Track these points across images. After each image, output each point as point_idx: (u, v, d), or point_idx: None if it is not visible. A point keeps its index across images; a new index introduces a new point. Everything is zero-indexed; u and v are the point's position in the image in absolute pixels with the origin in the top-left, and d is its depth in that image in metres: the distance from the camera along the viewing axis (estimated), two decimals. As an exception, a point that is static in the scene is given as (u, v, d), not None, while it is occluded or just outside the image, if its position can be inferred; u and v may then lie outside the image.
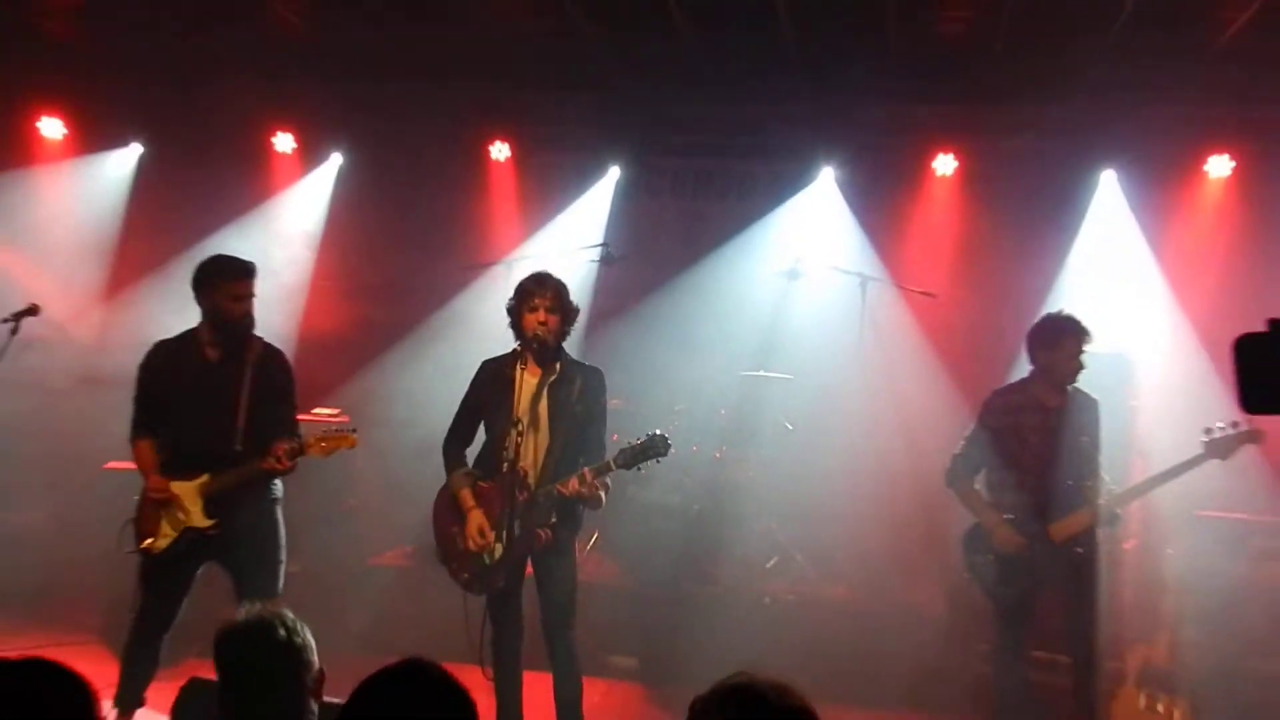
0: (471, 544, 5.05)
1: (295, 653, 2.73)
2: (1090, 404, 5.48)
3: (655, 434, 4.97)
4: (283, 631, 2.74)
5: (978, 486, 5.65)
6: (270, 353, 5.31)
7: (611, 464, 4.96)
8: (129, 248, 8.74)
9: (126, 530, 5.29)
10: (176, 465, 5.18)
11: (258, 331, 5.31)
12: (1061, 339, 5.39)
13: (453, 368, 5.77)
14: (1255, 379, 1.43)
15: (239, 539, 5.17)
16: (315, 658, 2.79)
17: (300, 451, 5.05)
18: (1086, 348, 5.38)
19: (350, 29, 7.61)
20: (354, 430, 5.31)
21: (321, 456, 5.11)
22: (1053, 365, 5.40)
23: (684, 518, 7.53)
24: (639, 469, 5.09)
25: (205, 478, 5.10)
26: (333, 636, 6.45)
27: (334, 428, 5.44)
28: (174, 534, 5.12)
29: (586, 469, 4.95)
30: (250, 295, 5.16)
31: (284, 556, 5.32)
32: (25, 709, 1.89)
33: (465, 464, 5.24)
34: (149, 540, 5.14)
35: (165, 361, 5.25)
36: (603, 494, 5.06)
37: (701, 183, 8.94)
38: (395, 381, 8.06)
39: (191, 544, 5.13)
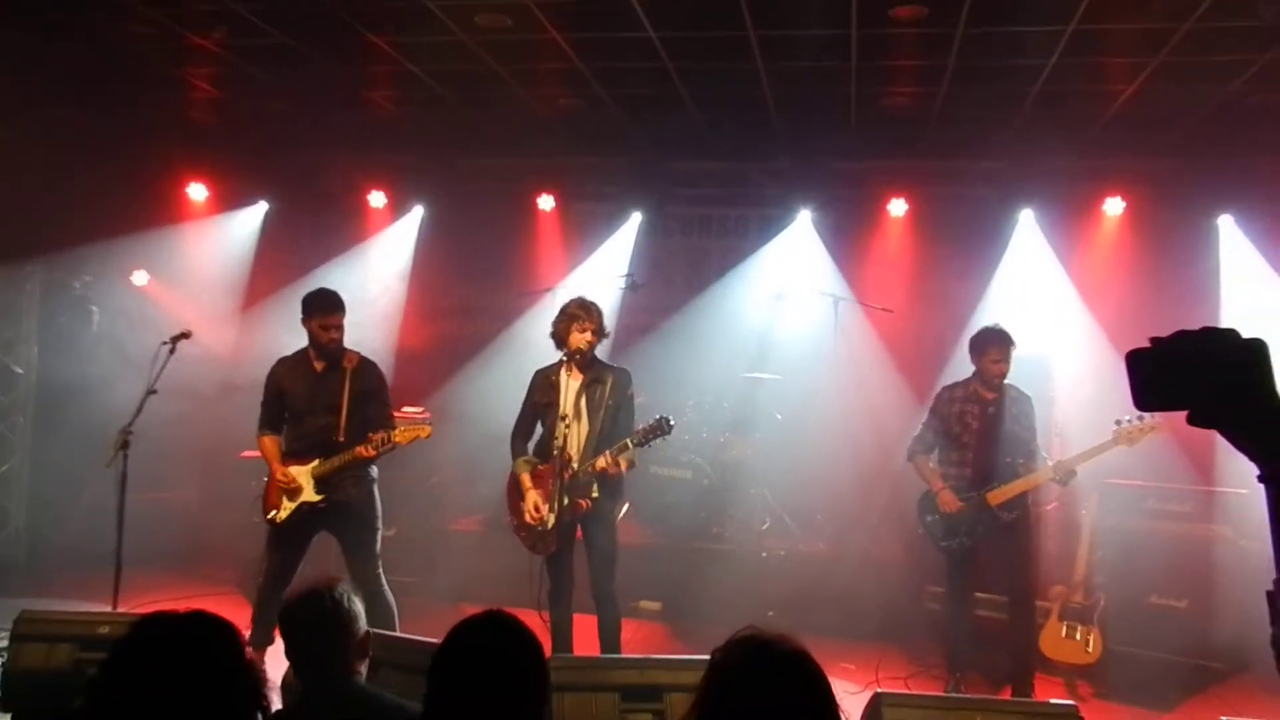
0: (529, 517, 5.06)
1: (338, 618, 2.67)
2: (1023, 398, 5.48)
3: (661, 417, 4.98)
4: (329, 602, 2.69)
5: (931, 463, 5.62)
6: (365, 363, 5.32)
7: (629, 443, 4.96)
8: (256, 283, 8.77)
9: (257, 504, 5.33)
10: (293, 453, 5.20)
11: (360, 348, 5.34)
12: (986, 346, 5.39)
13: (512, 373, 5.78)
14: (1143, 385, 1.43)
15: (344, 511, 5.17)
16: (361, 624, 2.74)
17: (388, 440, 5.03)
18: (1010, 352, 5.35)
19: (428, 112, 7.62)
20: (429, 422, 5.30)
21: (404, 443, 5.09)
22: (982, 367, 5.41)
23: (696, 490, 7.50)
24: (650, 445, 5.09)
25: (316, 462, 5.14)
26: (423, 586, 6.54)
27: (414, 421, 5.41)
28: (292, 506, 5.13)
29: (608, 450, 4.94)
30: (338, 326, 5.17)
31: (380, 525, 5.31)
32: (192, 650, 1.88)
33: (527, 453, 5.25)
34: (273, 512, 5.18)
35: (285, 372, 5.30)
36: (624, 467, 5.03)
37: (704, 225, 8.92)
38: (468, 385, 8.07)
39: (306, 515, 5.16)
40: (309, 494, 5.12)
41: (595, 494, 5.08)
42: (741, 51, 5.94)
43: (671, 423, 4.99)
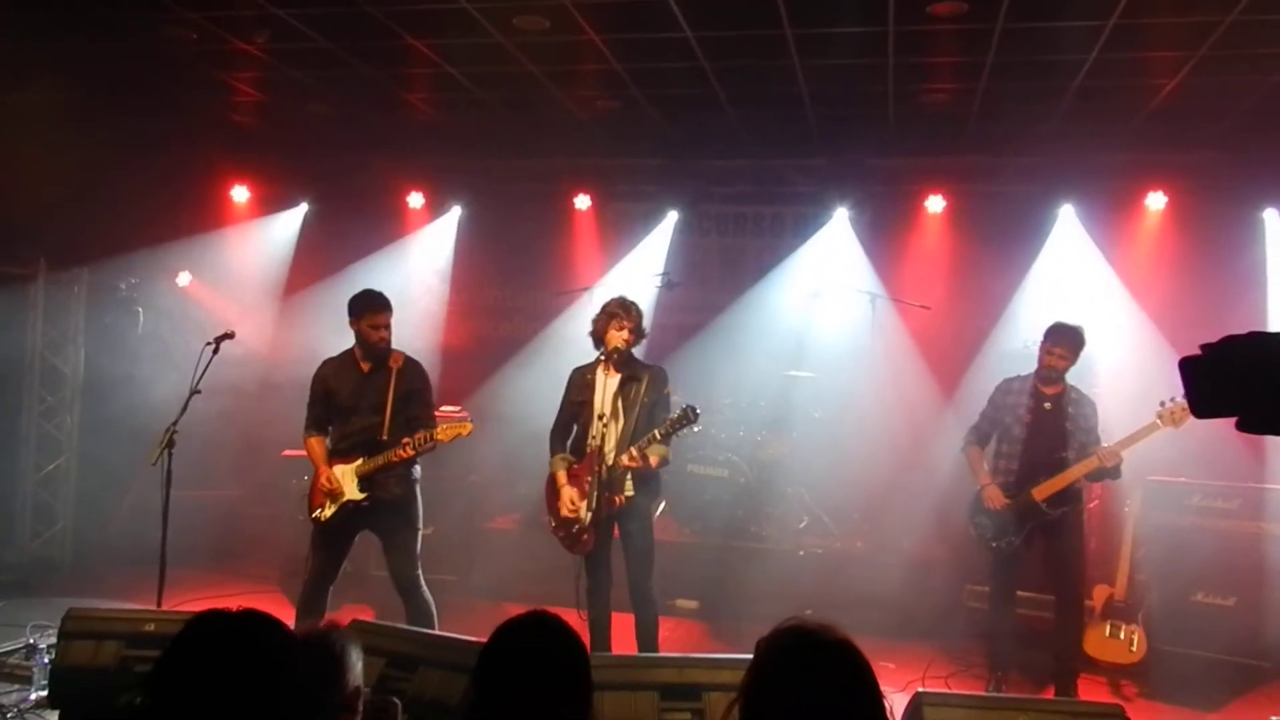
0: (565, 510, 5.07)
1: (318, 672, 2.44)
2: (1085, 400, 5.37)
3: (686, 406, 4.94)
4: (317, 651, 2.48)
5: (986, 457, 5.58)
6: (410, 364, 5.34)
7: (656, 435, 4.95)
8: (297, 283, 8.87)
9: (302, 503, 5.39)
10: (339, 452, 5.25)
11: (400, 348, 5.37)
12: (1046, 336, 5.38)
13: (550, 373, 5.79)
14: (1199, 393, 1.41)
15: (386, 509, 5.20)
16: (351, 677, 2.50)
17: (429, 438, 5.05)
18: (1070, 349, 5.27)
19: (466, 114, 7.67)
20: (469, 419, 5.33)
21: (446, 441, 5.09)
22: (1040, 357, 5.37)
23: (733, 488, 7.48)
24: (680, 435, 5.08)
25: (360, 461, 5.17)
26: (461, 585, 6.57)
27: (453, 420, 5.43)
28: (335, 505, 5.16)
29: (633, 446, 4.94)
30: (386, 325, 5.20)
31: (421, 524, 5.34)
32: (244, 647, 1.90)
33: (564, 451, 5.26)
34: (318, 510, 5.20)
35: (331, 373, 5.33)
36: (654, 462, 5.02)
37: (740, 224, 8.88)
38: (507, 385, 8.11)
39: (349, 513, 5.17)
40: (352, 492, 5.15)
41: (630, 491, 5.08)
42: (778, 49, 5.93)
43: (697, 411, 4.94)
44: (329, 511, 5.16)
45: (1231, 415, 1.38)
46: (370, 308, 5.18)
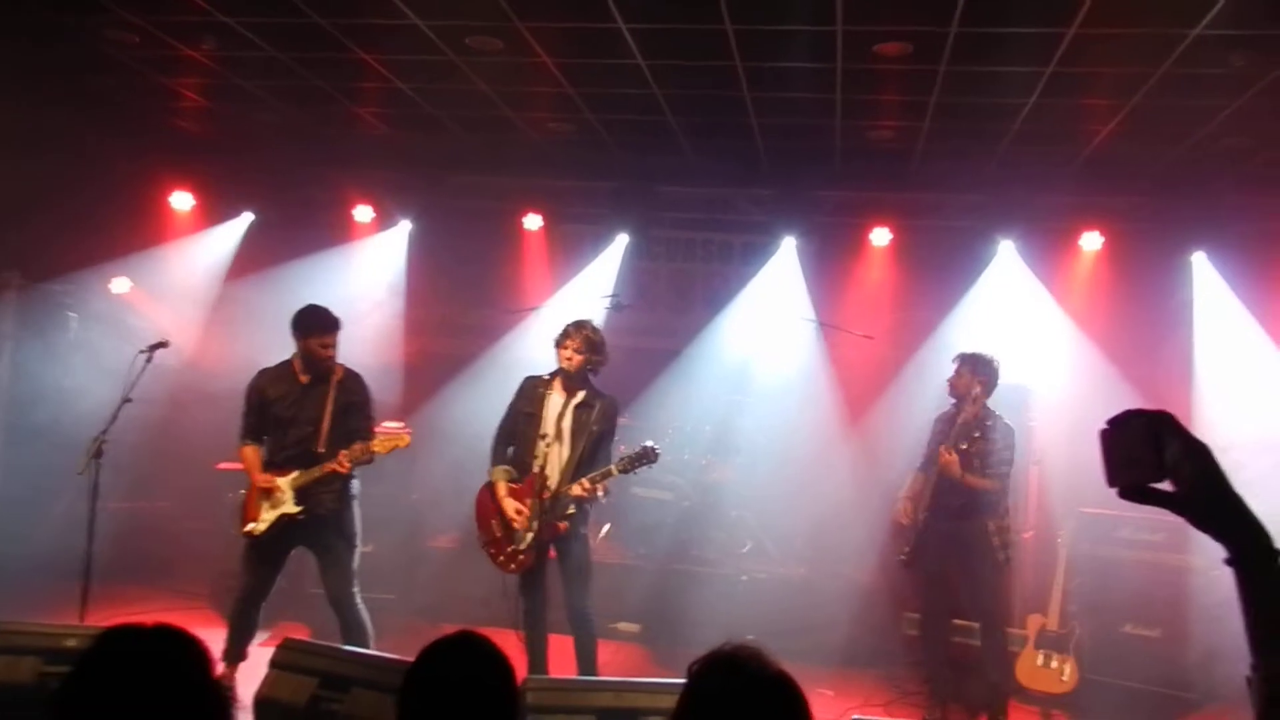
0: (513, 519, 5.03)
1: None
2: (1002, 429, 5.48)
3: (647, 445, 4.99)
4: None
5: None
6: (350, 376, 5.29)
7: (613, 470, 4.96)
8: (238, 293, 8.68)
9: (235, 517, 5.29)
10: (274, 464, 5.16)
11: (349, 361, 5.32)
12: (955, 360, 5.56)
13: (496, 391, 5.72)
14: (1109, 464, 1.47)
15: (322, 524, 5.13)
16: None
17: (366, 450, 4.99)
18: (963, 369, 5.49)
19: (417, 130, 7.64)
20: (409, 430, 5.27)
21: (383, 453, 5.05)
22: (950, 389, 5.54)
23: (676, 511, 7.50)
24: (635, 473, 5.07)
25: (295, 474, 5.08)
26: (400, 604, 6.48)
27: (392, 434, 5.37)
28: (271, 518, 5.07)
29: (585, 477, 4.94)
30: (334, 345, 5.16)
31: (359, 541, 5.27)
32: (155, 666, 1.84)
33: (506, 460, 5.22)
34: (251, 525, 5.11)
35: (268, 383, 5.26)
36: (601, 494, 5.03)
37: (690, 249, 8.92)
38: (451, 402, 8.00)
39: (284, 528, 5.08)
40: (288, 506, 5.06)
41: (571, 511, 5.06)
42: (729, 81, 6.01)
43: (658, 451, 4.99)
44: (264, 525, 5.07)
45: (1148, 488, 1.43)
46: (321, 327, 5.13)
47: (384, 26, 5.56)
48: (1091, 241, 7.77)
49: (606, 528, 7.61)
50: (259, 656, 4.58)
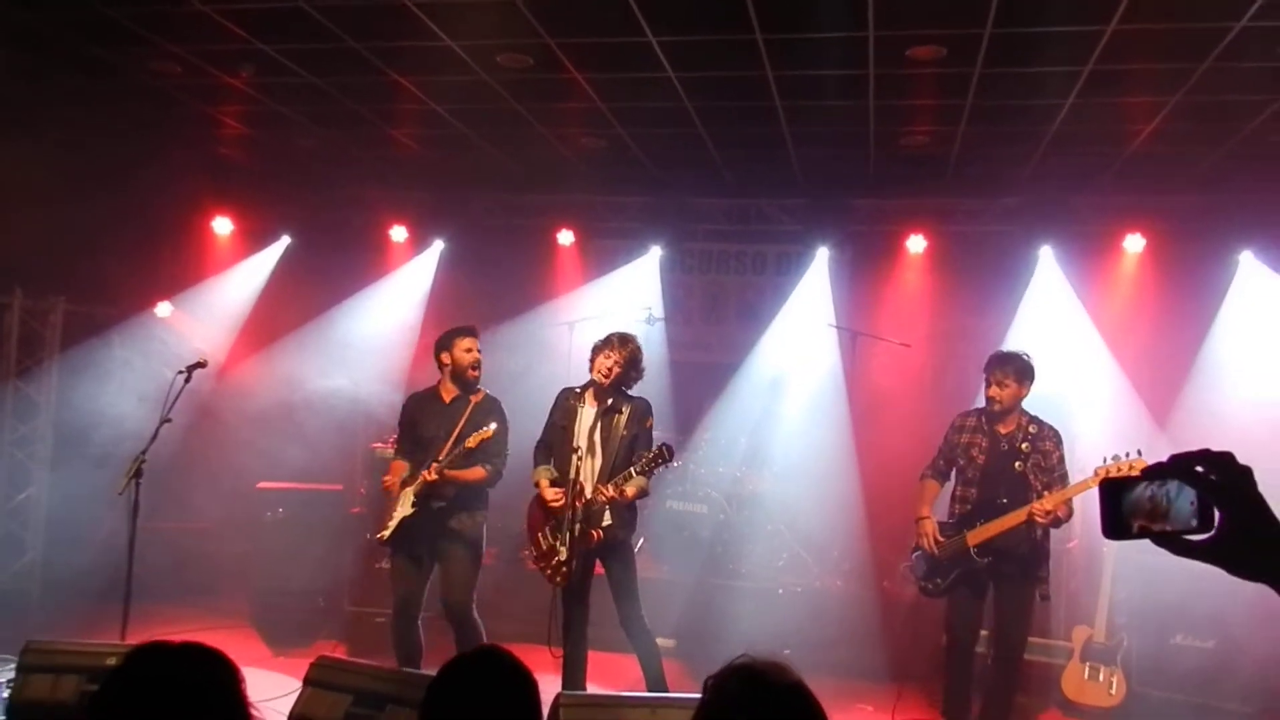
0: (552, 504, 5.03)
1: None
2: (1045, 435, 5.02)
3: (661, 445, 4.94)
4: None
5: (935, 490, 5.36)
6: (489, 400, 5.40)
7: (632, 471, 4.92)
8: (277, 315, 8.79)
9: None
10: (412, 476, 5.27)
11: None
12: (985, 368, 5.12)
13: (530, 408, 5.71)
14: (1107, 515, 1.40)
15: (440, 531, 5.21)
16: None
17: (457, 466, 5.08)
18: (1006, 377, 4.98)
19: (451, 149, 7.70)
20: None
21: (473, 446, 5.09)
22: (986, 395, 5.09)
23: (712, 524, 7.44)
24: (655, 473, 5.02)
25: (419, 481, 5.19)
26: (441, 620, 6.44)
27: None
28: (394, 524, 5.20)
29: (603, 482, 4.93)
30: (477, 349, 5.37)
31: (480, 550, 5.33)
32: (182, 683, 1.84)
33: (549, 464, 5.22)
34: (381, 532, 5.26)
35: (415, 405, 5.47)
36: (631, 494, 4.95)
37: (722, 261, 8.90)
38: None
39: (406, 530, 5.17)
40: (405, 508, 5.19)
41: (608, 521, 5.03)
42: (761, 91, 5.98)
43: (672, 450, 4.94)
44: (387, 531, 5.22)
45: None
46: (462, 332, 5.38)
47: (417, 48, 5.62)
48: (1134, 244, 7.63)
49: (641, 542, 7.56)
50: (293, 675, 4.60)
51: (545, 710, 2.55)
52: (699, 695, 1.84)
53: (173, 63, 6.07)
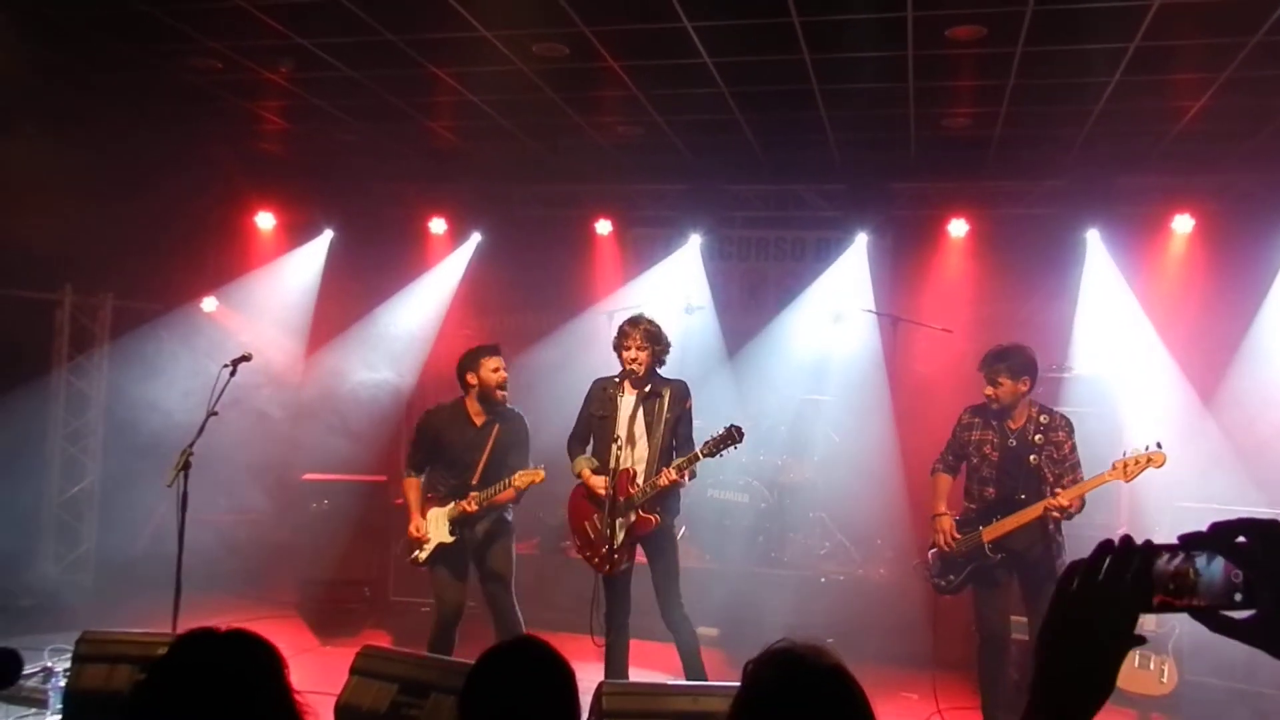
0: (597, 490, 5.01)
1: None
2: (1055, 426, 4.83)
3: (731, 426, 4.88)
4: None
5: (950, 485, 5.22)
6: (511, 415, 5.39)
7: (699, 454, 4.89)
8: (321, 308, 8.90)
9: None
10: (438, 496, 5.33)
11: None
12: (983, 368, 4.93)
13: (568, 398, 5.71)
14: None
15: (478, 545, 5.29)
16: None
17: (506, 485, 5.11)
18: (996, 374, 4.81)
19: (488, 140, 7.72)
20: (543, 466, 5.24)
21: (522, 488, 5.11)
22: (984, 395, 4.93)
23: (753, 513, 7.41)
24: (720, 455, 4.96)
25: (451, 505, 5.23)
26: (483, 610, 6.52)
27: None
28: (430, 548, 5.25)
29: (668, 466, 4.90)
30: (504, 368, 5.32)
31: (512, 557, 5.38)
32: (227, 670, 1.85)
33: (585, 454, 5.22)
34: (415, 554, 5.30)
35: (442, 424, 5.41)
36: (688, 479, 4.96)
37: (762, 248, 8.84)
38: (525, 411, 8.04)
39: (444, 552, 5.24)
40: (442, 535, 5.23)
41: (658, 510, 5.02)
42: (798, 75, 5.91)
43: (742, 430, 4.88)
44: (424, 554, 5.27)
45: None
46: (488, 351, 5.33)
47: (453, 40, 5.63)
48: (1183, 224, 7.45)
49: (682, 530, 7.54)
50: (339, 663, 4.66)
51: (588, 699, 2.56)
52: (740, 684, 1.82)
53: (213, 59, 6.14)
